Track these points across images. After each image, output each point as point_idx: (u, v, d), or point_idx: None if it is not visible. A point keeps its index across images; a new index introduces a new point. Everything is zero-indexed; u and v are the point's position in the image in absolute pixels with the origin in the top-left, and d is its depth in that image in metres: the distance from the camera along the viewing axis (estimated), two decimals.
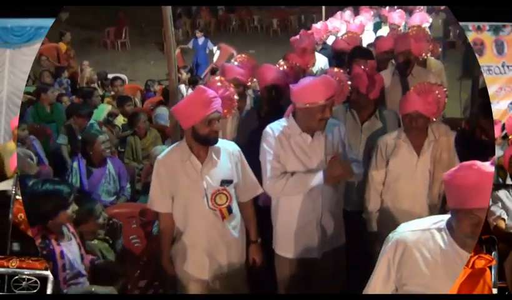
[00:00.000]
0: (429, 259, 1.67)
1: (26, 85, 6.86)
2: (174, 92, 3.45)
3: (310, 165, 2.64)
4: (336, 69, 3.27)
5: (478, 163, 1.56)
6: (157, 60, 13.00)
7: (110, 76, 7.78)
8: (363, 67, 3.31)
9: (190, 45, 10.67)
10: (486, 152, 3.05)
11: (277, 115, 2.90)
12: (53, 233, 2.53)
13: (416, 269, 1.68)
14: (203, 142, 2.54)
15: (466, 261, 1.67)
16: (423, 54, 4.10)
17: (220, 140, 2.66)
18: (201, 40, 10.44)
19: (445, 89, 2.93)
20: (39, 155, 4.85)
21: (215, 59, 9.09)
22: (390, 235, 1.81)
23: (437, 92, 2.84)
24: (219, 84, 2.72)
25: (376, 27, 8.11)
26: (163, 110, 5.66)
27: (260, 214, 2.90)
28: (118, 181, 4.02)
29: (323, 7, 9.01)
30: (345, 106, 3.35)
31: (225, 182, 2.58)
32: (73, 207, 2.56)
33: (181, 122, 2.62)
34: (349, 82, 3.08)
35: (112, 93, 6.79)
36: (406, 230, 1.77)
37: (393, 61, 4.29)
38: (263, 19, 16.88)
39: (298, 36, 5.02)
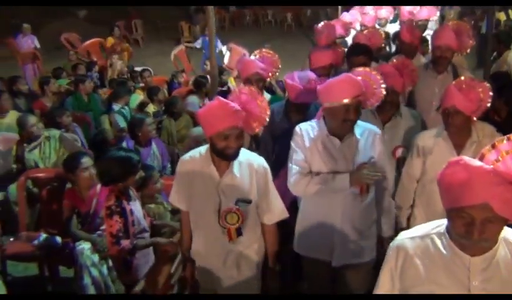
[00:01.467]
0: (430, 265, 1.60)
1: (61, 78, 7.40)
2: (215, 77, 3.83)
3: (336, 169, 2.54)
4: (365, 69, 2.91)
5: (465, 158, 1.48)
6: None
7: (137, 69, 8.27)
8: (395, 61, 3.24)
9: (199, 44, 10.90)
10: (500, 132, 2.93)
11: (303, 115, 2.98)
12: (123, 194, 2.97)
13: (418, 277, 1.62)
14: (218, 155, 2.39)
15: (468, 264, 1.55)
16: (463, 50, 3.92)
17: (246, 152, 2.51)
18: None
19: (490, 88, 2.69)
20: (81, 140, 5.29)
21: (225, 60, 9.07)
22: (391, 243, 1.76)
23: (480, 90, 2.65)
24: (246, 95, 2.47)
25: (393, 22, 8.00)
26: (193, 99, 6.04)
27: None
28: (161, 160, 4.45)
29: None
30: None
31: (241, 201, 2.41)
32: (140, 173, 3.00)
33: (203, 129, 2.46)
34: (383, 85, 2.79)
35: (142, 84, 7.21)
36: (405, 237, 1.71)
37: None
38: (277, 13, 17.17)
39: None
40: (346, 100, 2.42)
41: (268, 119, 2.51)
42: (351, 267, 2.66)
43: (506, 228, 1.54)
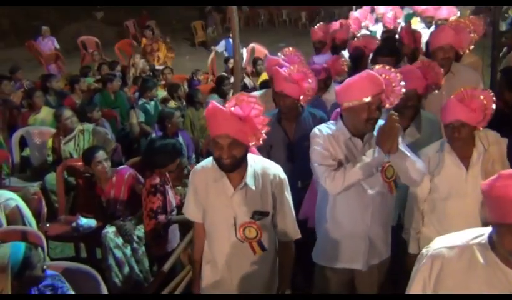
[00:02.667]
0: (470, 278, 1.51)
1: (88, 76, 7.80)
2: (238, 71, 4.12)
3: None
4: (383, 67, 2.73)
5: None
6: (190, 55, 13.84)
7: (157, 67, 8.65)
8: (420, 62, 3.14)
9: (222, 47, 11.06)
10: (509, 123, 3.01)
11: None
12: (162, 176, 3.32)
13: (455, 290, 1.54)
14: (218, 166, 2.23)
15: (511, 279, 1.46)
16: (465, 48, 3.75)
17: (261, 160, 2.39)
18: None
19: (492, 93, 2.56)
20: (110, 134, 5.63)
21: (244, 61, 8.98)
22: (424, 251, 1.67)
23: (482, 97, 2.52)
24: (246, 102, 2.18)
25: (408, 18, 7.92)
26: (214, 97, 6.34)
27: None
28: (187, 151, 4.77)
29: None
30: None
31: (258, 214, 2.27)
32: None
33: None
34: (402, 82, 2.61)
35: (163, 82, 7.54)
36: (442, 246, 1.60)
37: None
38: (292, 12, 17.38)
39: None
40: (367, 99, 2.34)
41: (264, 135, 2.24)
42: (373, 267, 2.65)
43: None
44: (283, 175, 2.37)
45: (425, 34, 5.60)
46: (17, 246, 2.32)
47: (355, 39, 5.51)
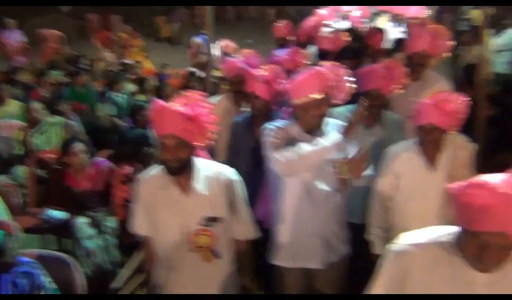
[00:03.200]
0: (434, 276, 1.52)
1: (56, 69, 7.73)
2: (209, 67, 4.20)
3: (318, 166, 2.49)
4: (330, 63, 2.73)
5: (491, 182, 1.36)
6: (155, 51, 13.76)
7: (126, 61, 8.63)
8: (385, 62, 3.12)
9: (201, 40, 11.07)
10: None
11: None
12: (133, 166, 3.42)
13: (418, 287, 1.55)
14: (166, 169, 2.14)
15: (473, 279, 1.47)
16: (440, 55, 3.62)
17: (212, 164, 2.30)
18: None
19: (466, 99, 2.57)
20: None
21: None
22: (390, 247, 1.67)
23: (457, 102, 2.53)
24: (192, 99, 2.11)
25: (375, 17, 8.00)
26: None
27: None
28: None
29: None
30: (350, 109, 3.00)
31: (210, 220, 2.18)
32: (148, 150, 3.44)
33: None
34: (351, 78, 2.69)
35: (133, 76, 7.55)
36: (407, 243, 1.61)
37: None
38: (259, 9, 17.49)
39: None
40: (316, 95, 2.38)
41: (213, 135, 2.18)
42: (332, 264, 2.64)
43: None
44: (235, 177, 2.30)
45: (395, 32, 5.81)
46: None
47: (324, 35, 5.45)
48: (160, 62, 9.18)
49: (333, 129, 2.54)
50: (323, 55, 4.73)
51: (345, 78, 2.65)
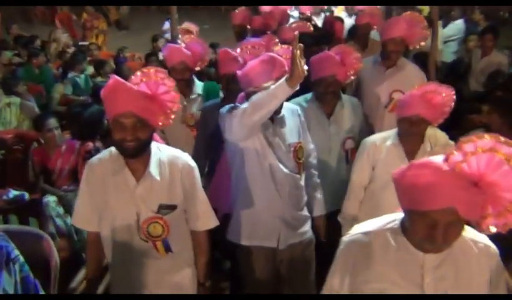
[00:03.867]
0: (384, 262, 1.54)
1: (7, 50, 7.45)
2: None
3: (273, 151, 2.45)
4: (288, 47, 2.64)
5: (433, 161, 1.40)
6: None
7: (81, 43, 8.46)
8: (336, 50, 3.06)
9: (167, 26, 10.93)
10: None
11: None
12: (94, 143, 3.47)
13: (370, 274, 1.56)
14: (120, 152, 1.98)
15: (421, 262, 1.49)
16: (415, 43, 3.52)
17: (168, 149, 2.13)
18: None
19: (453, 92, 2.53)
20: None
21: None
22: (343, 237, 1.69)
23: (444, 94, 2.49)
24: (153, 78, 1.96)
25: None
26: None
27: None
28: None
29: None
30: (306, 98, 3.08)
31: (165, 207, 2.04)
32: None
33: None
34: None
35: (89, 58, 7.40)
36: (358, 232, 1.63)
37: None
38: None
39: None
40: (272, 82, 2.27)
41: (173, 115, 2.05)
42: (295, 246, 2.61)
43: None
44: (193, 164, 2.14)
45: (347, 22, 6.01)
46: None
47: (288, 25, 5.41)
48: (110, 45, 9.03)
49: (290, 114, 2.54)
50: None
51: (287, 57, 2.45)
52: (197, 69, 3.62)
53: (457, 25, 7.44)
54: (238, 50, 2.86)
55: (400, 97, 2.67)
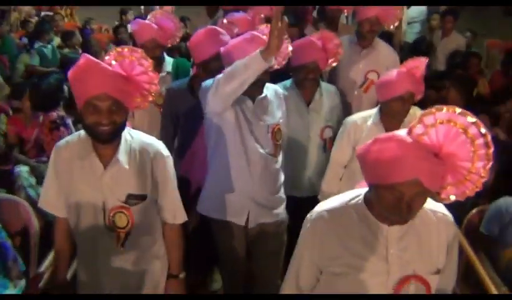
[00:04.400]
0: (348, 237, 1.56)
1: None
2: None
3: (251, 130, 2.43)
4: (267, 26, 2.49)
5: (397, 135, 1.43)
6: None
7: (44, 13, 8.21)
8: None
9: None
10: None
11: None
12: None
13: (336, 250, 1.58)
14: (91, 136, 1.86)
15: (386, 234, 1.53)
16: (390, 23, 3.50)
17: (139, 135, 2.01)
18: None
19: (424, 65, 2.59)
20: None
21: None
22: (308, 216, 1.69)
23: (422, 68, 2.57)
24: (127, 57, 1.85)
25: None
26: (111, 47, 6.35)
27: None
28: None
29: None
30: (285, 85, 3.01)
31: (133, 197, 1.93)
32: None
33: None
34: (287, 40, 2.56)
35: (54, 29, 7.24)
36: (323, 209, 1.65)
37: None
38: None
39: None
40: None
41: (153, 94, 1.96)
42: (267, 225, 2.60)
43: None
44: (166, 152, 2.03)
45: None
46: None
47: None
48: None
49: (274, 95, 2.55)
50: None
51: (284, 40, 2.43)
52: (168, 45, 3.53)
53: (420, 8, 7.68)
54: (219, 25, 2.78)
55: (383, 79, 2.68)
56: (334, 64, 3.13)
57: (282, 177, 2.65)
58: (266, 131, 2.47)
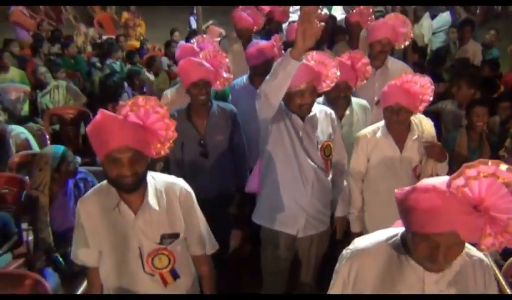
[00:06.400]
0: (385, 277, 1.56)
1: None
2: None
3: (302, 146, 2.57)
4: (318, 52, 2.67)
5: (436, 185, 1.38)
6: None
7: (105, 37, 9.39)
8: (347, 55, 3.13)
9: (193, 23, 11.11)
10: None
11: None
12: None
13: (372, 289, 1.57)
14: (117, 188, 1.86)
15: (422, 276, 1.51)
16: (401, 43, 3.72)
17: (164, 176, 2.03)
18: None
19: (430, 81, 2.68)
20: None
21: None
22: (344, 252, 1.69)
23: (420, 84, 2.64)
24: (143, 107, 1.82)
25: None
26: (163, 59, 7.37)
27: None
28: None
29: None
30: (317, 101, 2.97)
31: (167, 237, 1.95)
32: None
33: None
34: (335, 67, 2.66)
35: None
36: (360, 247, 1.64)
37: None
38: None
39: None
40: (302, 86, 2.40)
41: (172, 140, 1.93)
42: (312, 236, 2.75)
43: None
44: (189, 189, 2.04)
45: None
46: (57, 147, 3.13)
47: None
48: None
49: (323, 115, 2.66)
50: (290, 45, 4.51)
51: (331, 66, 2.65)
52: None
53: (444, 18, 8.30)
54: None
55: (382, 90, 2.80)
56: (365, 82, 3.23)
57: (331, 194, 2.77)
58: (316, 147, 2.59)
